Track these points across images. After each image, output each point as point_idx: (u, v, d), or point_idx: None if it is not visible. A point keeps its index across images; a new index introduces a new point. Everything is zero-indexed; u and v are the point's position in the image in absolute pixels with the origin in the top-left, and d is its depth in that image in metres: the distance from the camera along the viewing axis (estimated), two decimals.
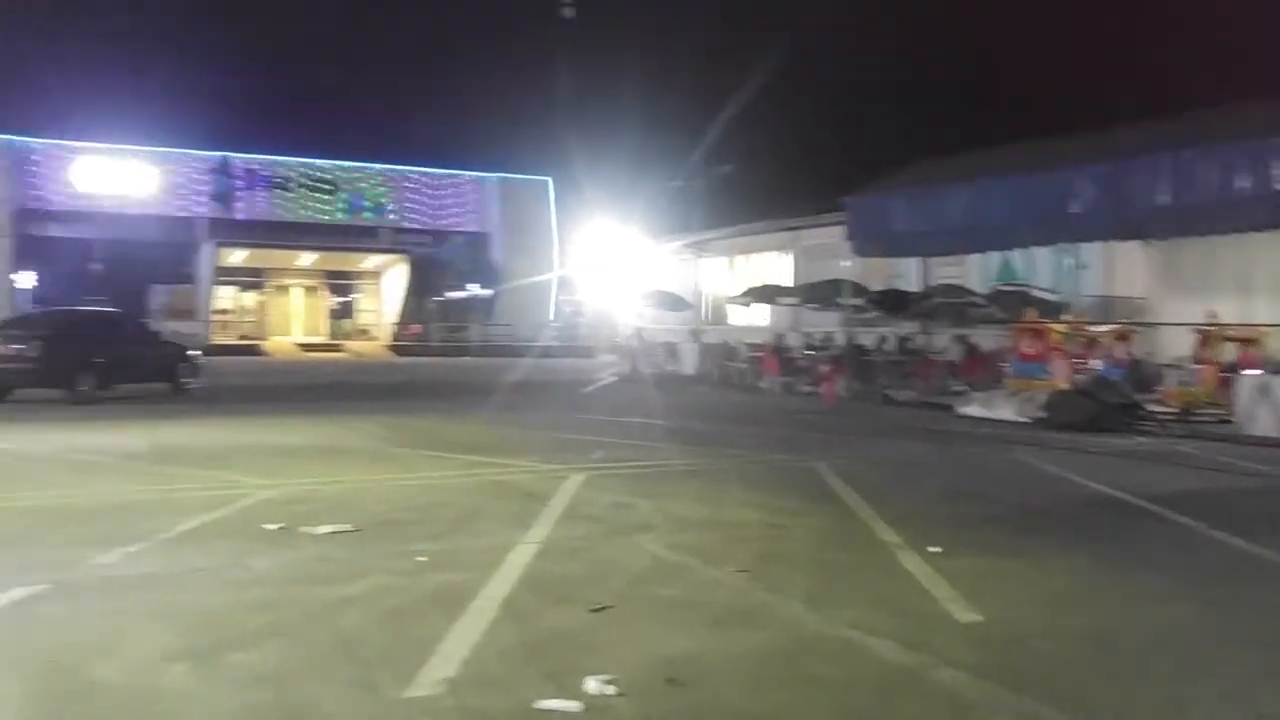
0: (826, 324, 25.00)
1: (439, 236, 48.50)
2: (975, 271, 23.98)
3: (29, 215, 40.76)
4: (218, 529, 7.02)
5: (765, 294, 27.59)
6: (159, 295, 41.55)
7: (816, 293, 24.55)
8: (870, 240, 20.02)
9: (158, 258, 42.22)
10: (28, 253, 40.19)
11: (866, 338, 23.51)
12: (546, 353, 38.89)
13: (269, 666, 4.28)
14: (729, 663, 4.42)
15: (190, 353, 20.36)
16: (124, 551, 6.23)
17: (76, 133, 41.66)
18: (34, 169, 41.23)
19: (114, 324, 20.23)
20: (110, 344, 17.83)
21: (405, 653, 4.43)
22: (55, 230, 41.55)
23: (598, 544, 6.74)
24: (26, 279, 39.64)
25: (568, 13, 39.33)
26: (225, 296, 45.12)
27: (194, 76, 57.76)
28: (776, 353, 23.73)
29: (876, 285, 24.04)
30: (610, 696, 3.97)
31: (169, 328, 27.25)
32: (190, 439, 12.17)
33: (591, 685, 4.04)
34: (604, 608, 5.16)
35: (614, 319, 39.14)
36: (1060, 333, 17.67)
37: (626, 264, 37.82)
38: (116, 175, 42.32)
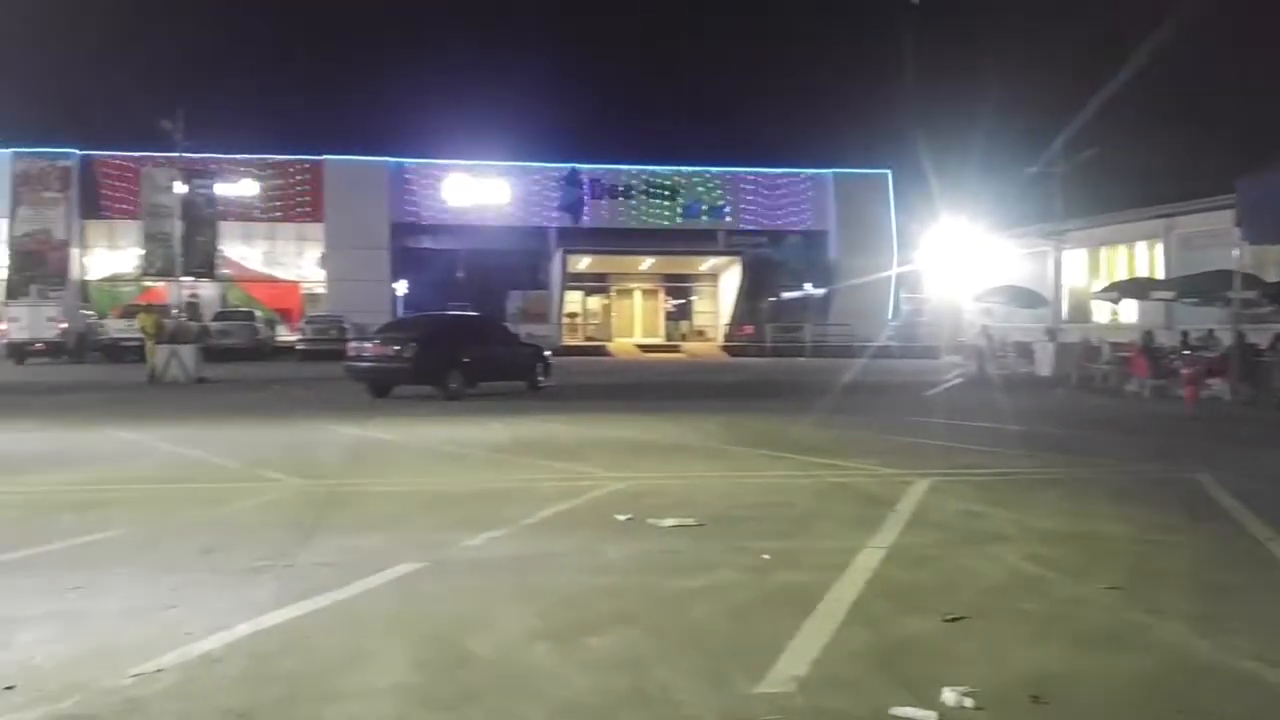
0: (1205, 320, 22.40)
1: (774, 237, 48.83)
2: None
3: (404, 229, 45.71)
4: (572, 517, 7.40)
5: (1136, 288, 25.25)
6: (515, 300, 45.08)
7: (1197, 285, 22.08)
8: (1269, 226, 17.67)
9: (514, 265, 45.91)
10: (401, 263, 45.10)
11: (1259, 336, 20.77)
12: (885, 353, 37.91)
13: (623, 651, 4.41)
14: (1101, 685, 4.02)
15: (545, 353, 21.82)
16: (489, 535, 6.72)
17: (444, 152, 46.13)
18: (409, 187, 46.15)
19: (479, 327, 22.05)
20: (476, 345, 19.42)
21: (754, 648, 4.41)
22: (426, 242, 46.36)
23: (948, 552, 6.39)
24: (399, 287, 44.50)
25: None
26: (573, 301, 48.07)
27: (545, 95, 62.35)
28: (1146, 352, 21.56)
29: (1272, 277, 21.20)
30: (969, 710, 3.75)
31: (524, 330, 29.41)
32: (546, 433, 12.99)
33: (949, 696, 3.83)
34: (958, 618, 4.88)
35: (959, 317, 37.46)
36: None
37: (973, 258, 36.03)
38: (478, 190, 46.42)
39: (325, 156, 44.57)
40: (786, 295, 47.32)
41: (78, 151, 42.65)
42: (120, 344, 31.35)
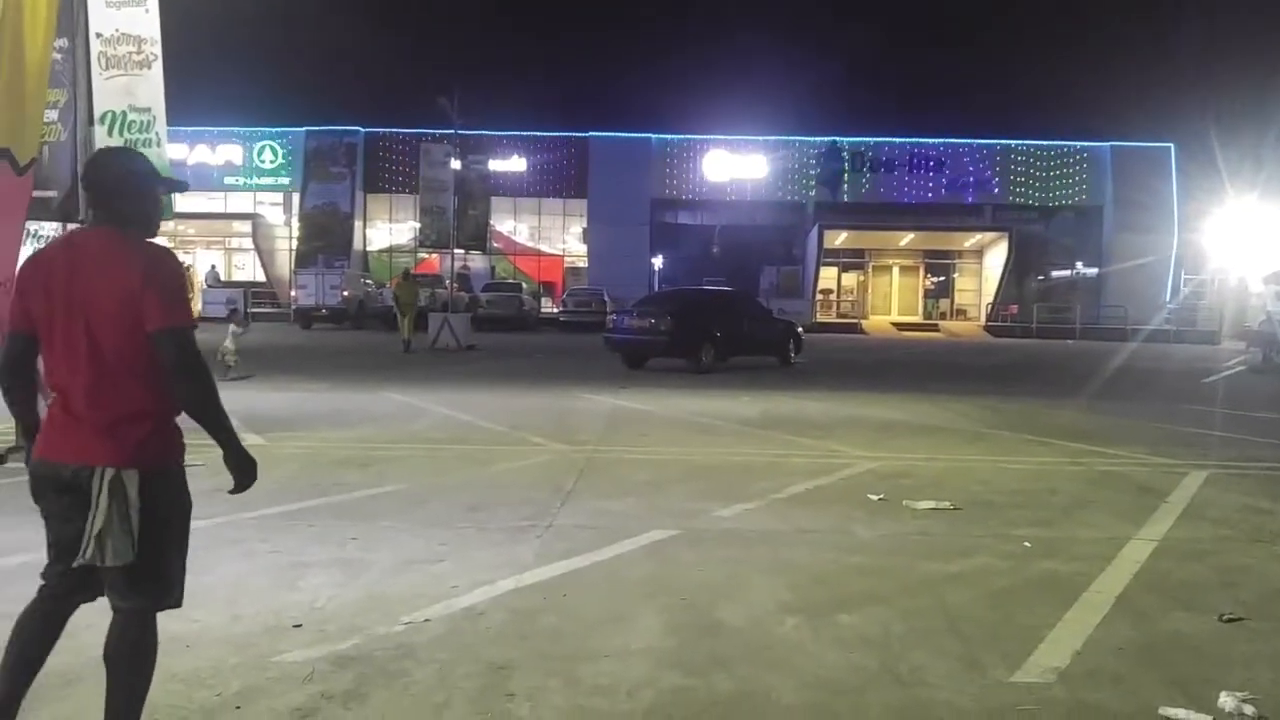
0: None
1: (1045, 213, 46.06)
2: None
3: (663, 204, 46.58)
4: (823, 494, 7.33)
5: None
6: (769, 275, 44.99)
7: None
8: None
9: (769, 241, 45.83)
10: (659, 238, 46.02)
11: None
12: (1159, 337, 34.96)
13: (874, 631, 4.34)
14: None
15: (798, 329, 21.66)
16: (741, 508, 6.77)
17: (704, 127, 46.58)
18: (669, 163, 46.91)
19: (732, 302, 22.13)
20: (729, 320, 19.55)
21: (1011, 636, 4.25)
22: (683, 218, 47.07)
23: (1227, 548, 5.86)
24: (657, 261, 45.45)
25: None
26: (828, 276, 47.34)
27: (806, 69, 61.59)
28: None
29: None
30: (1249, 718, 3.45)
31: (777, 306, 29.29)
32: (796, 409, 12.92)
33: (1227, 702, 3.55)
34: (1237, 618, 4.51)
35: (1244, 301, 33.93)
36: None
37: (1263, 238, 32.46)
38: (736, 165, 46.52)
39: (590, 133, 46.12)
40: (1055, 274, 44.53)
41: (362, 130, 46.33)
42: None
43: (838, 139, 46.35)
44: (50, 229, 9.85)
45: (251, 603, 4.52)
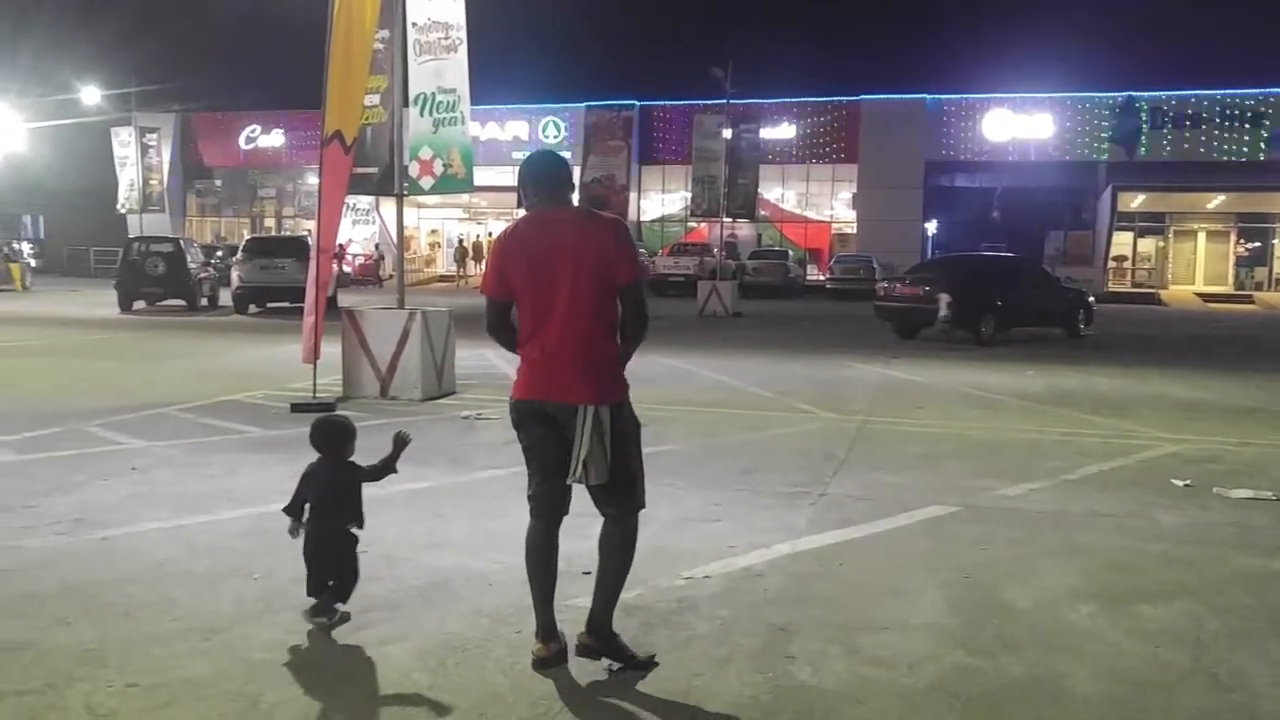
0: None
1: None
2: None
3: (937, 167, 44.60)
4: (1119, 477, 6.84)
5: None
6: (1054, 241, 42.15)
7: None
8: None
9: (1055, 204, 42.85)
10: (932, 202, 44.16)
11: None
12: None
13: (1182, 626, 4.02)
14: None
15: (1089, 299, 20.21)
16: (1026, 487, 6.44)
17: (983, 86, 44.10)
18: (945, 124, 44.81)
19: (1014, 269, 20.91)
20: (1010, 288, 18.48)
21: None
22: (959, 180, 44.88)
23: None
24: (930, 226, 43.64)
25: None
26: (1122, 242, 43.76)
27: (1096, 18, 56.87)
28: None
29: None
30: None
31: (1063, 273, 27.43)
32: (1085, 385, 12.07)
33: None
34: None
35: None
36: None
37: None
38: (1018, 124, 43.70)
39: (862, 96, 44.91)
40: None
41: (637, 102, 47.47)
42: (667, 279, 34.48)
43: (1134, 93, 42.51)
44: (366, 202, 10.81)
45: None
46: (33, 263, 37.96)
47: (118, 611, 4.01)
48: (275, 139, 49.15)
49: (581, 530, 3.85)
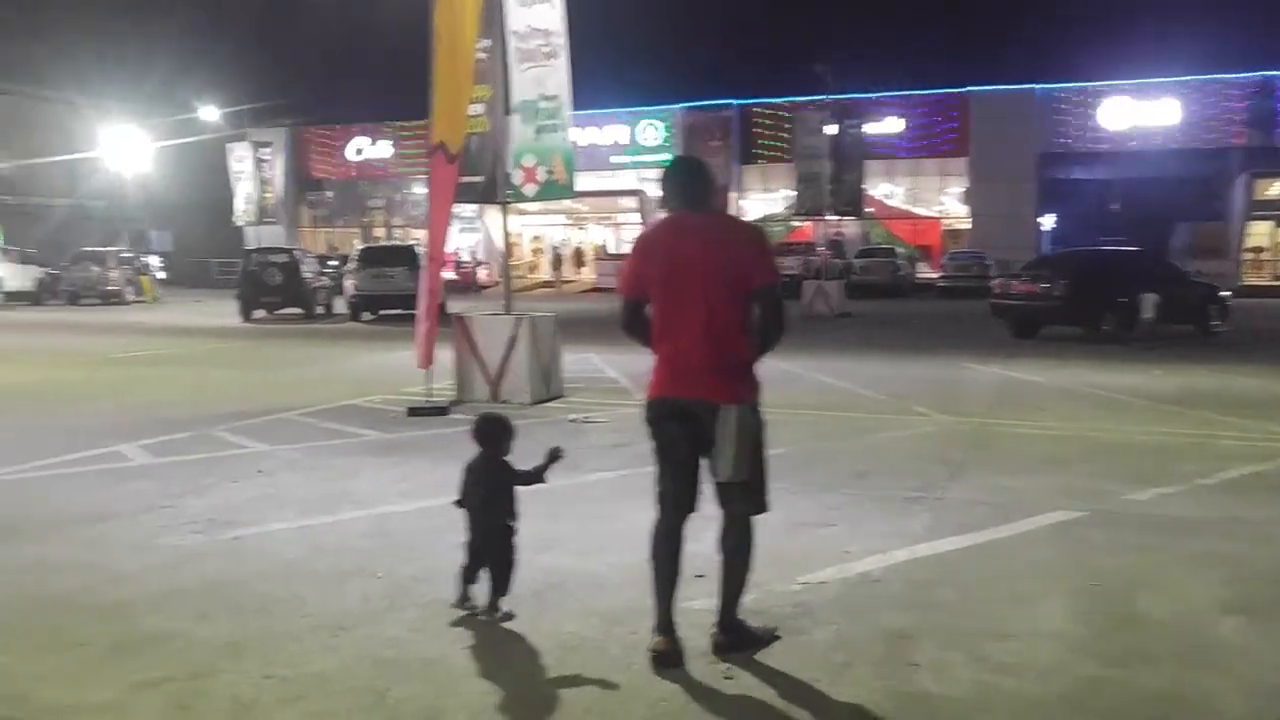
0: None
1: None
2: None
3: (1052, 159, 43.08)
4: (1264, 482, 6.48)
5: None
6: (1182, 233, 40.24)
7: None
8: None
9: (1182, 194, 40.96)
10: (1048, 195, 42.65)
11: None
12: None
13: None
14: None
15: (1223, 294, 19.24)
16: (1158, 491, 6.16)
17: (1100, 73, 42.48)
18: (1059, 115, 43.29)
19: (1139, 263, 20.04)
20: (1135, 284, 17.68)
21: None
22: (1076, 172, 43.26)
23: None
24: (1045, 220, 42.12)
25: None
26: (1259, 233, 41.51)
27: None
28: None
29: None
30: None
31: (1193, 267, 26.19)
32: (1222, 385, 11.48)
33: None
34: None
35: None
36: None
37: None
38: (1140, 112, 41.94)
39: (970, 88, 43.76)
40: None
41: (736, 102, 47.21)
42: None
43: (1270, 73, 40.32)
44: (472, 210, 10.98)
45: None
46: (161, 275, 39.81)
47: (253, 607, 4.17)
48: (382, 150, 50.49)
49: (694, 535, 3.81)
